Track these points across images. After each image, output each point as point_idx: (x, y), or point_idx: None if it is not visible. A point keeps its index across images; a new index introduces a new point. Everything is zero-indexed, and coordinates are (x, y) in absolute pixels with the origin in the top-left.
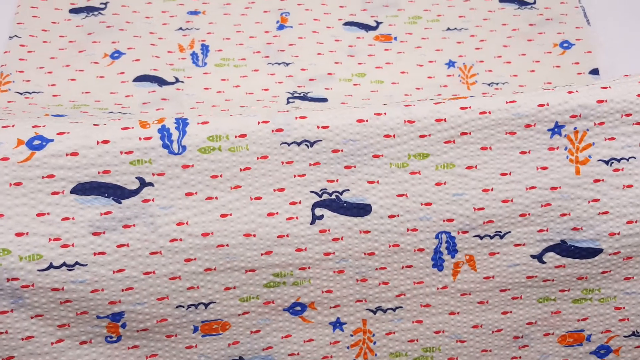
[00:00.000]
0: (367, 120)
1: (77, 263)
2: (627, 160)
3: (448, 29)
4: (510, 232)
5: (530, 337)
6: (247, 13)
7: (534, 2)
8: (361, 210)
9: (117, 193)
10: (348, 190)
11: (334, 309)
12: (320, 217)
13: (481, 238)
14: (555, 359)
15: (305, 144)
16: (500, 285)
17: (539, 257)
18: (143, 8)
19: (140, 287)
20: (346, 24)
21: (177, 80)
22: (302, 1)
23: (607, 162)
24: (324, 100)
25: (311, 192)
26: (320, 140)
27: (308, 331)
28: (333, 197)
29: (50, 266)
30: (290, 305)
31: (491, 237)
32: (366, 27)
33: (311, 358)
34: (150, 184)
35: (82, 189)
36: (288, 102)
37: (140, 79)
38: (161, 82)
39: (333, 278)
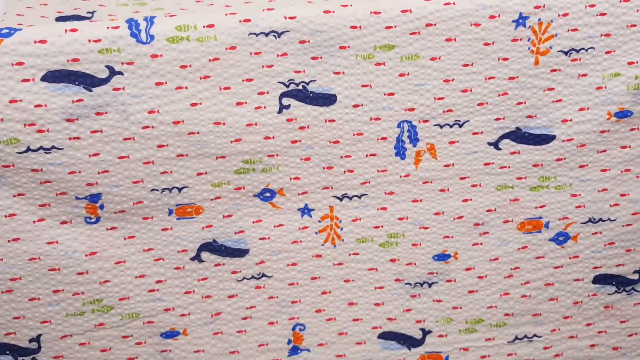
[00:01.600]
0: (333, 12)
1: (53, 147)
2: (586, 50)
3: (516, 338)
4: (468, 120)
5: (490, 224)
6: None
7: (639, 280)
8: (327, 100)
9: (87, 81)
10: (314, 80)
11: (302, 196)
12: (288, 107)
13: (441, 127)
14: (515, 245)
15: (273, 35)
16: (460, 172)
17: (495, 144)
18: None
19: (116, 170)
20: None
21: None
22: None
23: (566, 53)
24: None
25: (279, 82)
26: (288, 31)
27: (278, 217)
28: (300, 87)
29: (28, 149)
30: (260, 191)
31: (451, 126)
32: (409, 342)
33: (281, 242)
34: (120, 73)
35: (52, 76)
36: None
37: None
38: None
39: (300, 165)
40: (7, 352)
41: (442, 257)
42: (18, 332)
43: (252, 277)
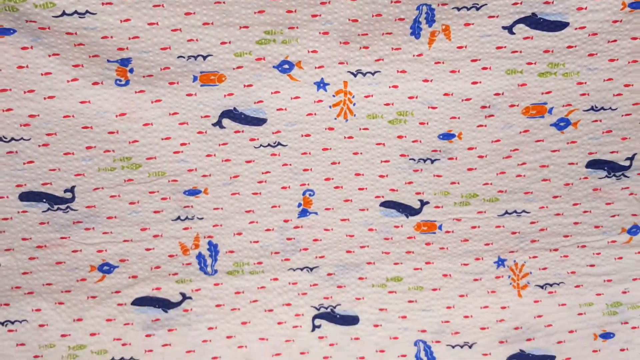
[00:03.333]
0: None
1: (87, 12)
2: None
3: (506, 212)
4: (486, 4)
5: (496, 107)
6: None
7: (630, 166)
8: None
9: None
10: None
11: (318, 70)
12: None
13: (459, 9)
14: (517, 128)
15: None
16: (472, 54)
17: (509, 28)
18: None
19: (145, 36)
20: (384, 204)
21: (185, 297)
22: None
23: None
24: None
25: None
26: None
27: (295, 89)
28: None
29: (63, 13)
30: (279, 63)
31: (468, 9)
32: (408, 211)
33: (297, 114)
34: None
35: None
36: (314, 329)
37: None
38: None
39: (318, 39)
40: (44, 200)
41: (447, 136)
42: (54, 182)
43: (269, 144)
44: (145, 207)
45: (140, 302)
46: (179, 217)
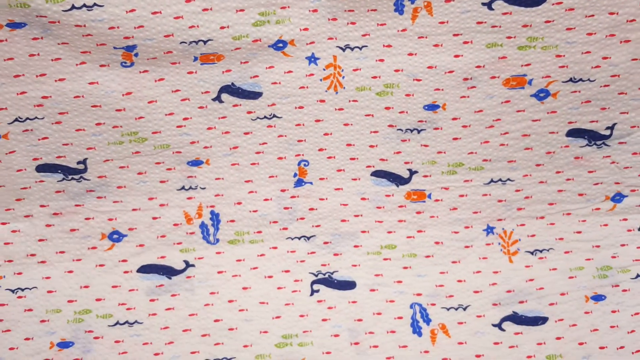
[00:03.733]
0: None
1: (95, 4)
2: None
3: (491, 180)
4: None
5: (478, 79)
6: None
7: (610, 135)
8: None
9: None
10: None
11: (309, 45)
12: None
13: None
14: (498, 99)
15: None
16: (454, 29)
17: (489, 5)
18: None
19: (150, 25)
20: (375, 174)
21: (188, 265)
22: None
23: None
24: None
25: None
26: None
27: (288, 64)
28: None
29: (72, 7)
30: (274, 42)
31: None
32: (398, 180)
33: (290, 87)
34: None
35: None
36: (312, 293)
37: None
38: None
39: (308, 16)
40: (59, 171)
41: (432, 107)
42: (67, 156)
43: (265, 117)
44: (152, 177)
45: (145, 269)
46: (183, 187)
